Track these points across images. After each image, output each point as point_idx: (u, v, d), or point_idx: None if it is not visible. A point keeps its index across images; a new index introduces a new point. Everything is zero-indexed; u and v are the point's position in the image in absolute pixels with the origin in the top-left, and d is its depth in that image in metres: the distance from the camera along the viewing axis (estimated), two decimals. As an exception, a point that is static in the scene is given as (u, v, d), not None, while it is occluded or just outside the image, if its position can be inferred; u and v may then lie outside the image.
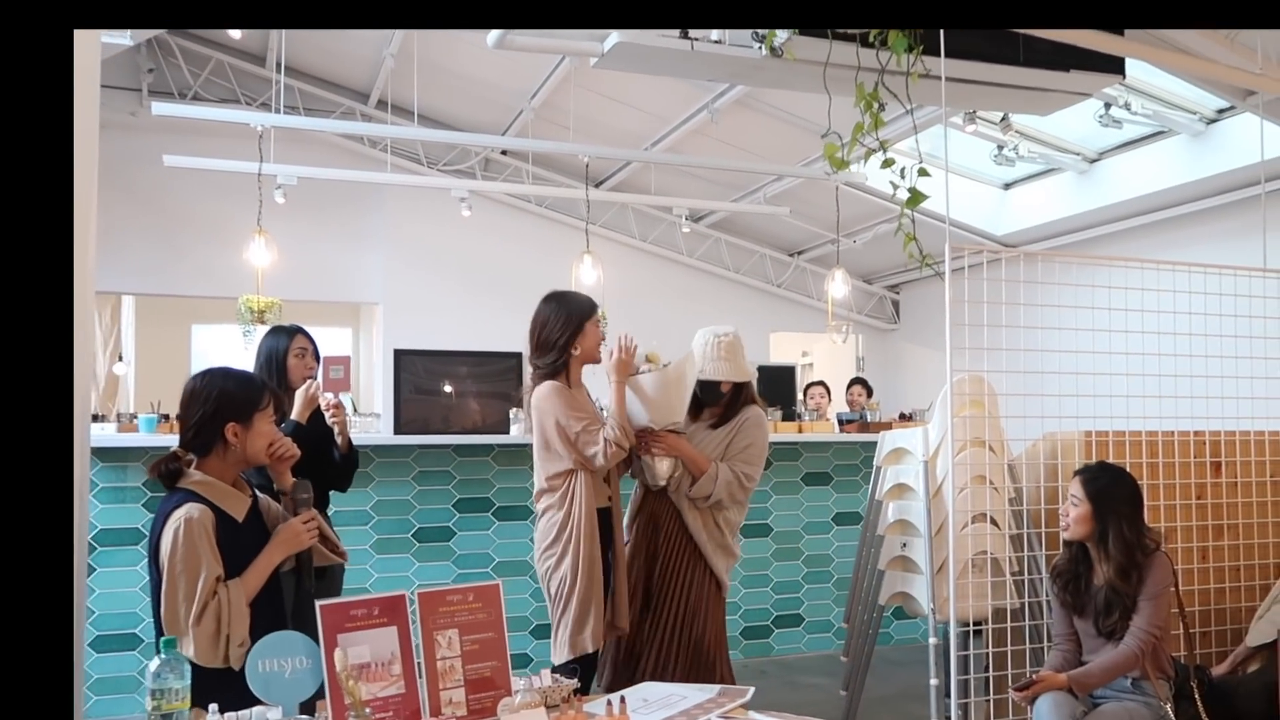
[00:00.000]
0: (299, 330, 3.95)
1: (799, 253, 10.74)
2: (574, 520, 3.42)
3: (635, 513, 3.82)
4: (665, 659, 3.60)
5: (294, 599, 2.72)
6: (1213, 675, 3.75)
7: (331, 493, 4.01)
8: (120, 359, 11.74)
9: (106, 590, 4.93)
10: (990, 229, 8.93)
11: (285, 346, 3.86)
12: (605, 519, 3.57)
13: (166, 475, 2.55)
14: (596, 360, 3.59)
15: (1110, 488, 3.43)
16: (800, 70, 3.71)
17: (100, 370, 11.50)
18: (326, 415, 3.77)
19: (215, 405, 2.57)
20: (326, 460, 3.78)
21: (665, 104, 7.77)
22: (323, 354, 3.98)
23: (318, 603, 2.12)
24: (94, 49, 2.30)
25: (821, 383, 8.36)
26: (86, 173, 2.18)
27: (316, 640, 2.12)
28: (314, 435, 3.67)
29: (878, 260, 10.46)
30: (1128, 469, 3.61)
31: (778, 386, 8.64)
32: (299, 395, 3.71)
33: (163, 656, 2.01)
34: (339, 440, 3.82)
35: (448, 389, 8.83)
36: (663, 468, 3.62)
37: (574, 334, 3.53)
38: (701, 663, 3.61)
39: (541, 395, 3.48)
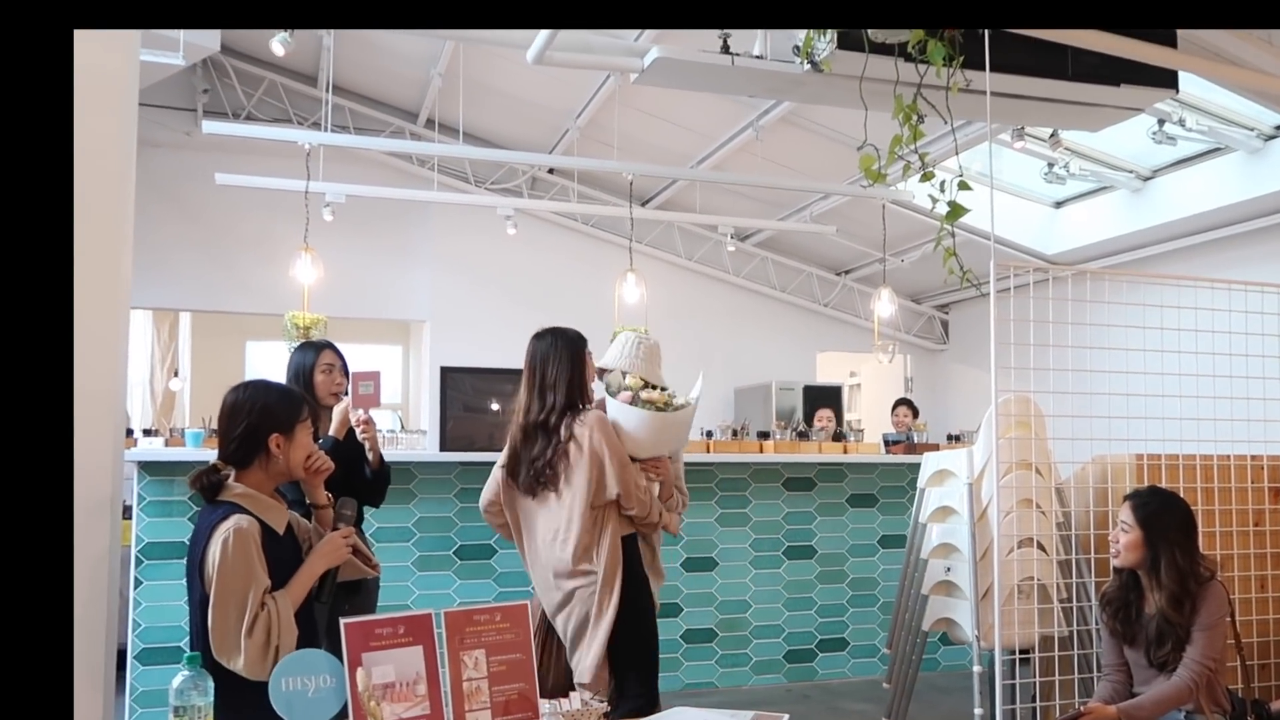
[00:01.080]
0: (327, 345, 3.94)
1: (846, 272, 10.65)
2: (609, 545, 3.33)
3: None
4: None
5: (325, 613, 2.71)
6: (1271, 709, 3.61)
7: (367, 509, 4.00)
8: (176, 374, 11.93)
9: (153, 603, 4.97)
10: (1041, 248, 8.78)
11: (312, 362, 3.85)
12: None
13: (208, 488, 2.55)
14: None
15: (1162, 513, 3.32)
16: (840, 85, 3.67)
17: (157, 386, 11.69)
18: (357, 431, 3.76)
19: (260, 417, 2.57)
20: (358, 476, 3.77)
21: (710, 122, 7.76)
22: (351, 369, 3.95)
23: (342, 621, 2.10)
24: (133, 67, 2.33)
25: (831, 406, 8.29)
26: (124, 185, 2.20)
27: (341, 658, 2.10)
28: (346, 452, 3.67)
29: (926, 279, 10.33)
30: (1181, 494, 3.50)
31: (823, 406, 8.58)
32: (336, 412, 3.72)
33: (187, 672, 2.00)
34: (370, 456, 3.81)
35: (494, 407, 8.87)
36: (654, 493, 3.52)
37: (586, 373, 3.42)
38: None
39: (599, 425, 3.32)
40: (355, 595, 3.33)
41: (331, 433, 3.68)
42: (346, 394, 3.83)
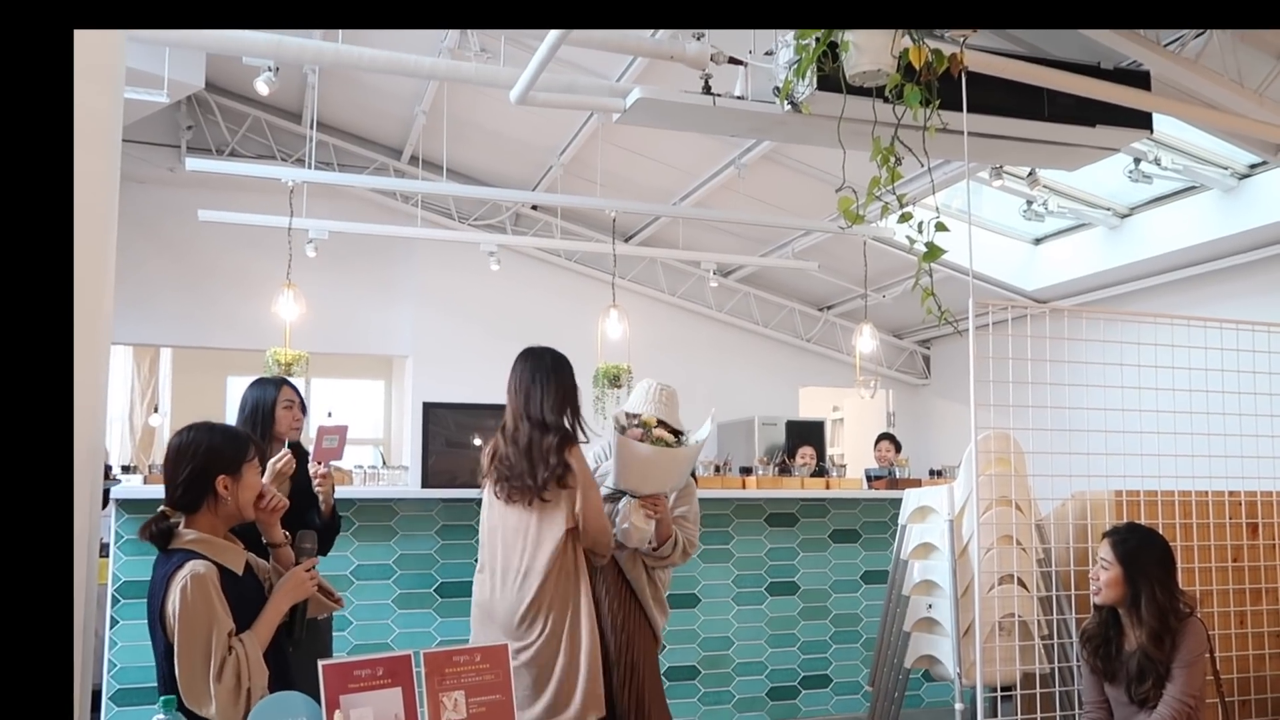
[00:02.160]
0: (285, 382, 3.97)
1: (828, 307, 10.71)
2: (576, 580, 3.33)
3: None
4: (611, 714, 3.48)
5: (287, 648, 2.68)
6: (1252, 746, 3.63)
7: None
8: (156, 410, 11.85)
9: (128, 643, 4.91)
10: (1021, 284, 8.87)
11: (274, 397, 3.85)
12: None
13: (159, 535, 2.49)
14: None
15: (1141, 550, 3.34)
16: (820, 125, 3.72)
17: (137, 421, 11.61)
18: (314, 484, 3.75)
19: (205, 459, 2.52)
20: (307, 525, 3.73)
21: (693, 159, 7.82)
22: (319, 423, 3.94)
23: (320, 663, 2.09)
24: (117, 104, 2.33)
25: (813, 442, 8.34)
26: (106, 220, 2.20)
27: (318, 699, 2.09)
28: (294, 497, 3.61)
29: (908, 315, 10.40)
30: (1160, 530, 3.52)
31: (806, 441, 8.61)
32: (269, 467, 3.59)
33: (162, 716, 1.99)
34: (322, 507, 3.80)
35: (477, 442, 8.85)
36: (650, 530, 3.54)
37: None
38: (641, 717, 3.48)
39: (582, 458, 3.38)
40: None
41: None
42: (298, 429, 3.84)
